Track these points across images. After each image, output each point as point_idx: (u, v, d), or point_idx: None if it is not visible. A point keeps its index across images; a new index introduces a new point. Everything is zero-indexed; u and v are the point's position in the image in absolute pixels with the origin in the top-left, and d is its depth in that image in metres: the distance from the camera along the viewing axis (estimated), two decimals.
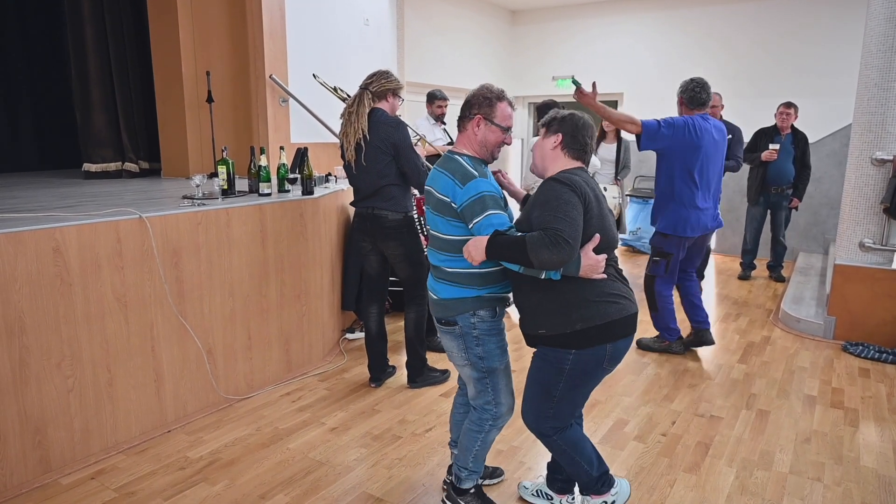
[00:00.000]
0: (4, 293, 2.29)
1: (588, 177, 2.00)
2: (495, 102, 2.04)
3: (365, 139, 3.08)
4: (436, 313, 2.15)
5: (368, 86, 3.13)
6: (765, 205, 5.78)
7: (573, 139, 2.01)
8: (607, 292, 1.95)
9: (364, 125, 3.07)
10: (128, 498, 2.38)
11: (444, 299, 2.09)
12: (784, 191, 5.67)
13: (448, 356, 2.21)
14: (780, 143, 5.53)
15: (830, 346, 4.20)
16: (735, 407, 3.26)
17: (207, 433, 2.89)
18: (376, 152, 3.09)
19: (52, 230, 2.41)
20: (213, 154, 4.80)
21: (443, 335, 2.15)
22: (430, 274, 2.17)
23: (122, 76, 5.01)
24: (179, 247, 2.88)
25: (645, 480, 2.56)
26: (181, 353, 2.94)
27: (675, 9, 7.34)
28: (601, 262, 1.91)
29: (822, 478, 2.60)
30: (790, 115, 5.55)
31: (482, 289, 2.06)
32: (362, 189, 3.21)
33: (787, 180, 5.63)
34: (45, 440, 2.46)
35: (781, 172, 5.60)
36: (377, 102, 3.14)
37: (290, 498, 2.40)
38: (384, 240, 3.22)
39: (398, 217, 3.18)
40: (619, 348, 1.99)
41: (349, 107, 3.15)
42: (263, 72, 4.70)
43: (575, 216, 1.82)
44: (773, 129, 5.64)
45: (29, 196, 3.48)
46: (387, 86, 3.14)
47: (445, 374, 3.51)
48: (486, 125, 2.05)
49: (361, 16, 5.69)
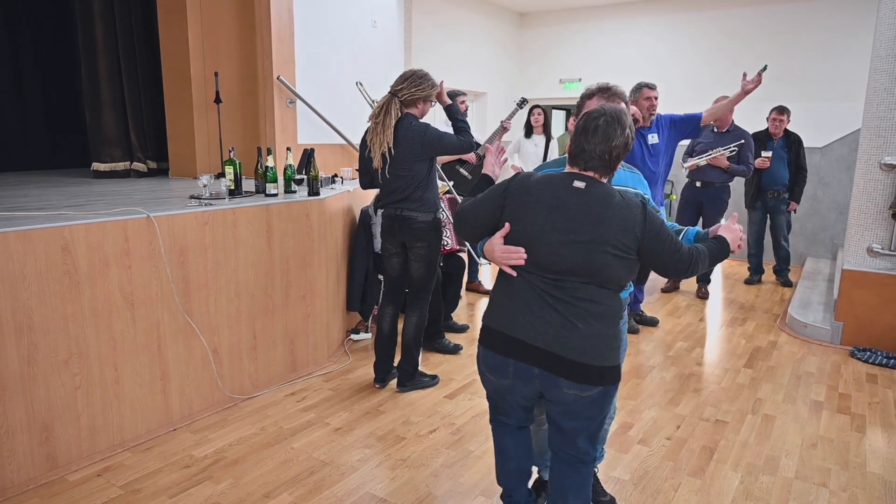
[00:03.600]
0: (14, 290, 2.31)
1: (537, 176, 1.85)
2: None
3: (390, 152, 3.06)
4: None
5: (398, 92, 3.07)
6: (763, 209, 5.80)
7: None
8: (500, 297, 1.90)
9: (389, 138, 3.04)
10: (133, 495, 2.39)
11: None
12: (780, 195, 5.69)
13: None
14: (773, 148, 5.56)
15: (838, 352, 4.17)
16: (741, 411, 3.25)
17: (212, 432, 2.91)
18: (404, 161, 3.08)
19: (60, 229, 2.43)
20: (220, 154, 4.82)
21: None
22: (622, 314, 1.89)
23: (131, 76, 5.05)
24: (186, 246, 2.89)
25: (649, 484, 2.55)
26: (187, 351, 2.96)
27: (683, 12, 7.33)
28: (501, 252, 1.80)
29: (827, 483, 2.58)
30: (783, 121, 5.58)
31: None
32: (392, 193, 3.19)
33: (782, 184, 5.66)
34: (52, 437, 2.48)
35: (775, 177, 5.63)
36: (406, 109, 3.11)
37: (294, 497, 2.41)
38: (412, 240, 3.21)
39: (428, 218, 3.19)
40: (483, 357, 1.93)
41: (376, 115, 3.11)
42: (271, 73, 4.72)
43: (480, 200, 1.92)
44: (766, 134, 5.65)
45: (39, 195, 3.51)
46: (417, 94, 3.07)
47: (435, 380, 3.51)
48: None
49: (369, 17, 5.70)
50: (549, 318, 1.77)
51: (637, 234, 1.72)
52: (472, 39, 7.59)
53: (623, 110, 1.81)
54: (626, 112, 1.83)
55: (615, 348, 1.80)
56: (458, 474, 2.60)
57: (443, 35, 7.07)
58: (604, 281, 1.76)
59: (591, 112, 1.79)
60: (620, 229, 1.71)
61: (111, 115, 4.94)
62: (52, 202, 3.15)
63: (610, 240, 1.71)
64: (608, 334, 1.78)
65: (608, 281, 1.76)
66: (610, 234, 1.71)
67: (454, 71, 7.31)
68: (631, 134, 1.80)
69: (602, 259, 1.72)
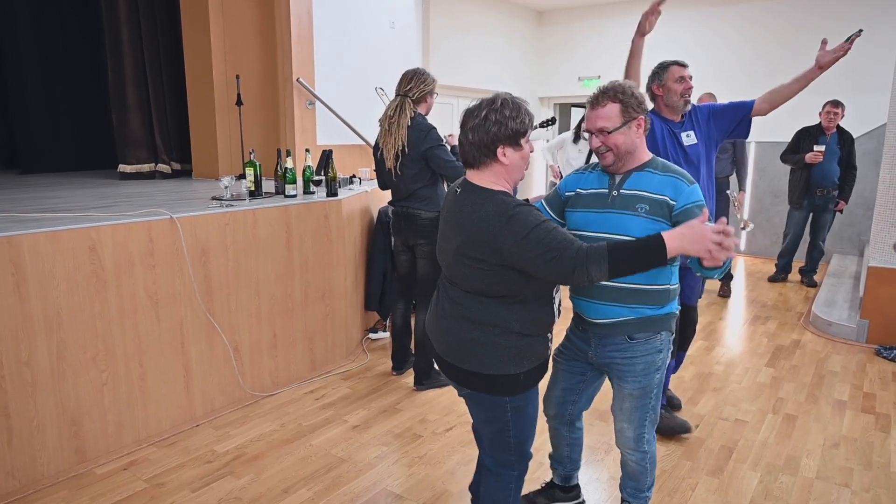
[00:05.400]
0: (44, 289, 2.39)
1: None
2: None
3: (404, 151, 3.15)
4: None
5: (408, 92, 3.17)
6: (809, 208, 5.56)
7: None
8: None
9: (404, 137, 3.13)
10: (158, 489, 2.46)
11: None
12: (829, 193, 5.45)
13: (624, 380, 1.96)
14: (826, 143, 5.28)
15: (863, 350, 4.09)
16: (761, 411, 3.21)
17: (234, 428, 2.97)
18: (412, 160, 3.17)
19: (88, 230, 2.51)
20: (241, 156, 4.91)
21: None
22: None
23: (156, 80, 5.17)
24: (208, 246, 2.96)
25: (666, 483, 2.54)
26: (209, 349, 3.03)
27: (704, 7, 7.23)
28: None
29: (850, 484, 2.55)
30: (837, 114, 5.26)
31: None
32: (400, 191, 3.30)
33: (833, 182, 5.41)
34: (80, 431, 2.56)
35: (826, 174, 5.37)
36: (416, 106, 3.20)
37: (313, 493, 2.45)
38: (415, 237, 3.31)
39: (431, 216, 3.26)
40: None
41: (389, 116, 3.19)
42: (291, 75, 4.79)
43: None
44: (818, 129, 5.37)
45: (68, 196, 3.62)
46: (425, 89, 3.20)
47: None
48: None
49: (387, 18, 5.75)
50: (442, 325, 1.79)
51: (496, 246, 1.59)
52: (490, 38, 7.58)
53: (498, 96, 1.66)
54: (501, 97, 1.66)
55: (495, 357, 1.69)
56: (465, 478, 2.62)
57: (460, 34, 7.08)
58: (471, 289, 1.70)
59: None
60: (473, 241, 1.62)
61: (137, 118, 5.07)
62: (80, 203, 3.25)
63: (465, 250, 1.64)
64: (489, 343, 1.69)
65: (474, 290, 1.69)
66: (465, 244, 1.64)
67: (472, 70, 7.32)
68: (506, 114, 1.61)
69: (459, 269, 1.68)
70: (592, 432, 2.96)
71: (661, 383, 2.00)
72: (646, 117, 1.87)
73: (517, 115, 1.63)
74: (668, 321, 1.94)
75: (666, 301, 1.92)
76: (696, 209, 1.78)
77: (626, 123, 1.83)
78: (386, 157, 3.22)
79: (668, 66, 2.88)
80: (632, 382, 1.95)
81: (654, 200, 1.82)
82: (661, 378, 1.99)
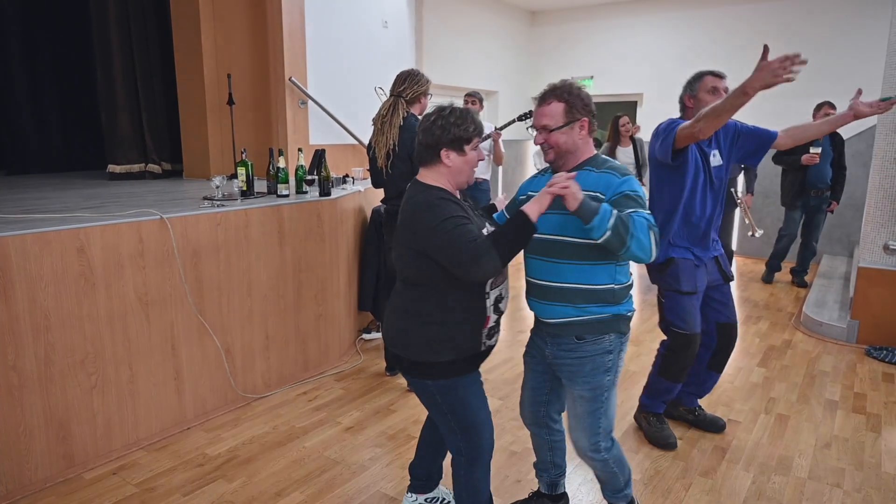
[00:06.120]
0: (31, 292, 2.35)
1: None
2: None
3: (395, 150, 3.14)
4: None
5: (402, 93, 3.20)
6: (803, 209, 5.61)
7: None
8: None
9: (395, 136, 3.14)
10: (148, 493, 2.43)
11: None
12: (822, 193, 5.52)
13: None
14: (821, 145, 5.32)
15: (853, 351, 4.12)
16: (754, 411, 3.22)
17: (225, 431, 2.94)
18: (401, 160, 3.17)
19: (76, 230, 2.48)
20: (233, 156, 4.87)
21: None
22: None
23: (145, 79, 5.11)
24: (199, 247, 2.93)
25: (659, 484, 2.54)
26: (200, 351, 3.00)
27: (696, 8, 7.26)
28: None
29: (841, 484, 2.56)
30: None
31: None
32: (391, 190, 3.29)
33: (826, 183, 5.49)
34: (68, 436, 2.53)
35: (821, 175, 5.44)
36: (410, 107, 3.21)
37: (306, 496, 2.43)
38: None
39: None
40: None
41: (382, 116, 3.20)
42: (283, 74, 4.76)
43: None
44: None
45: (56, 197, 3.57)
46: (419, 90, 3.22)
47: None
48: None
49: (380, 18, 5.73)
50: (387, 315, 1.96)
51: (413, 230, 1.76)
52: (483, 38, 7.58)
53: (450, 105, 1.83)
54: (451, 106, 1.83)
55: (415, 343, 1.83)
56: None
57: (453, 34, 7.07)
58: (402, 277, 1.87)
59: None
60: (402, 227, 1.80)
61: (126, 118, 5.01)
62: (68, 204, 3.20)
63: (398, 237, 1.83)
64: (413, 331, 1.83)
65: (403, 278, 1.86)
66: (398, 231, 1.83)
67: (465, 70, 7.31)
68: (451, 121, 1.77)
69: (396, 257, 1.86)
70: None
71: (613, 388, 1.97)
72: (591, 120, 1.88)
73: (462, 123, 1.78)
74: (617, 322, 1.91)
75: (614, 301, 1.90)
76: (622, 199, 1.78)
77: (569, 123, 1.86)
78: (378, 156, 3.23)
79: (702, 76, 2.71)
80: (581, 384, 1.94)
81: (591, 196, 1.79)
82: (612, 381, 1.96)
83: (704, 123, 2.33)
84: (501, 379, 3.59)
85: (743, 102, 2.19)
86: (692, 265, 2.72)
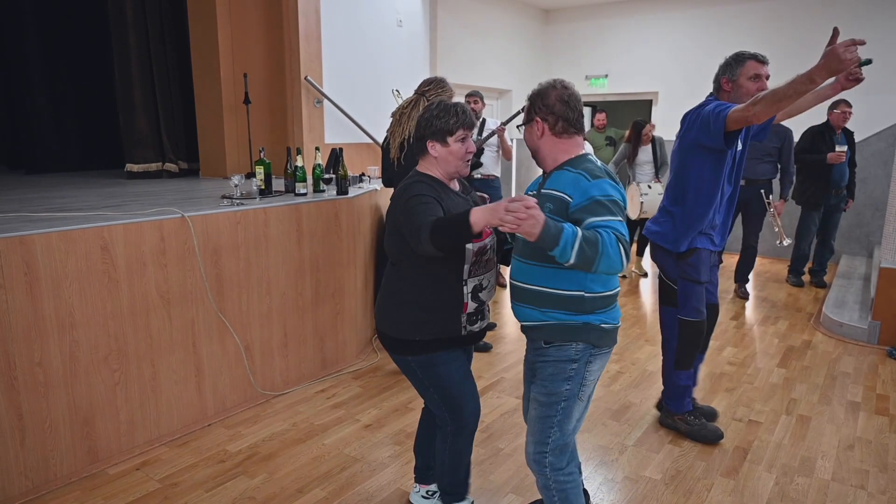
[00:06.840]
0: (56, 289, 2.38)
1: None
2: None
3: (409, 141, 3.17)
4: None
5: (425, 93, 3.28)
6: (822, 208, 5.52)
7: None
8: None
9: (412, 127, 3.16)
10: (171, 489, 2.45)
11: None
12: (841, 192, 5.48)
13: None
14: (840, 142, 5.27)
15: (875, 352, 4.07)
16: (775, 412, 3.19)
17: (245, 427, 2.96)
18: (414, 153, 3.17)
19: (100, 229, 2.50)
20: (249, 154, 4.89)
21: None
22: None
23: (162, 79, 5.15)
24: (219, 245, 2.95)
25: (681, 484, 2.52)
26: (220, 348, 3.02)
27: (711, 6, 7.20)
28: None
29: (865, 486, 2.53)
30: (850, 113, 5.28)
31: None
32: (400, 182, 3.30)
33: (846, 181, 5.47)
34: (92, 431, 2.55)
35: (844, 173, 5.40)
36: None
37: (327, 493, 2.44)
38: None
39: None
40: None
41: (402, 108, 3.28)
42: (299, 73, 4.78)
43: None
44: (827, 128, 5.34)
45: (76, 196, 3.60)
46: (441, 95, 3.28)
47: None
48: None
49: (395, 17, 5.74)
50: (378, 297, 2.10)
51: (393, 206, 1.92)
52: (497, 37, 7.56)
53: (439, 101, 1.97)
54: (438, 102, 1.96)
55: (396, 321, 1.97)
56: (487, 472, 2.61)
57: (467, 33, 7.06)
58: (391, 259, 2.00)
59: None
60: (390, 209, 1.96)
61: (143, 117, 5.05)
62: (90, 203, 3.24)
63: (388, 220, 1.98)
64: (392, 309, 1.98)
65: (388, 255, 2.00)
66: (387, 215, 1.99)
67: (479, 68, 7.30)
68: (434, 115, 1.90)
69: (385, 238, 2.01)
70: (605, 432, 2.94)
71: (572, 400, 1.86)
72: (556, 121, 1.79)
73: (443, 116, 1.89)
74: (585, 331, 1.81)
75: (583, 310, 1.80)
76: (592, 205, 1.67)
77: (526, 123, 1.90)
78: (392, 146, 3.28)
79: (744, 60, 2.54)
80: (539, 386, 1.89)
81: (557, 198, 1.75)
82: (572, 393, 1.85)
83: (763, 108, 2.19)
84: (518, 378, 3.58)
85: (808, 90, 2.10)
86: (709, 255, 2.75)
